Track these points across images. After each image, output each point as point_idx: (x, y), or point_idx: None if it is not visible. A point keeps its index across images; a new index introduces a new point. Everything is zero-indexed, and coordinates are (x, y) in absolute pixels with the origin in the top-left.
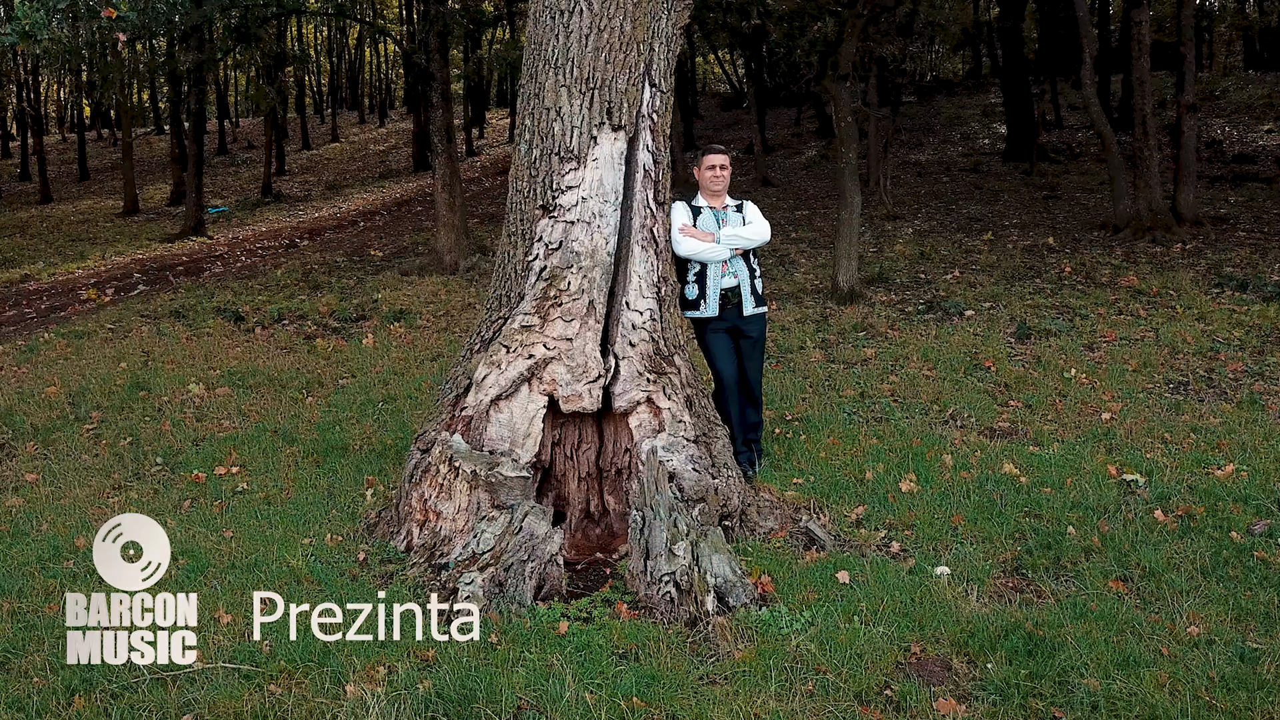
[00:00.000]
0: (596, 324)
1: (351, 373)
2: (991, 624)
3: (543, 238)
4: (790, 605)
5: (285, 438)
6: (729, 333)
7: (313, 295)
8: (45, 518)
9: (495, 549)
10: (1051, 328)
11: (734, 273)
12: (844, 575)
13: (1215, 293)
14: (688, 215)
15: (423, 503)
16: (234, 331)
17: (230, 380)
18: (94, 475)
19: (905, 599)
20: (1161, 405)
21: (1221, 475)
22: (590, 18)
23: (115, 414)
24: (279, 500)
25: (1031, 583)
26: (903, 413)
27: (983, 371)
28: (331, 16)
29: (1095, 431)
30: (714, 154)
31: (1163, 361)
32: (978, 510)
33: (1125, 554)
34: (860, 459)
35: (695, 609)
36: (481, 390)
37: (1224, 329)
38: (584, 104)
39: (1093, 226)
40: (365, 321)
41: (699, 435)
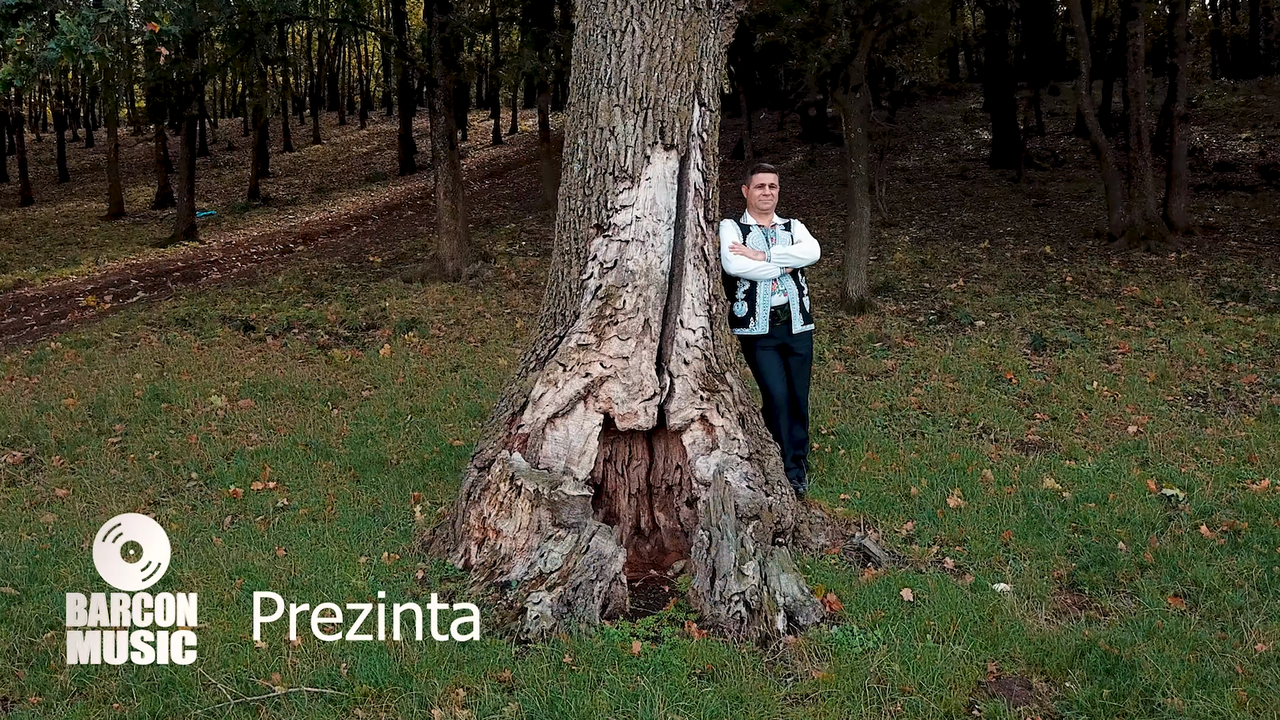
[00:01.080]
0: (652, 342)
1: (373, 384)
2: (1064, 642)
3: (597, 256)
4: (860, 624)
5: (318, 452)
6: (778, 350)
7: (318, 303)
8: (85, 534)
9: (563, 568)
10: (1066, 339)
11: (784, 290)
12: (908, 593)
13: (1218, 303)
14: (737, 233)
15: (481, 521)
16: (245, 341)
17: (251, 392)
18: (127, 490)
19: (973, 617)
20: (1184, 418)
21: (1258, 490)
22: (643, 37)
23: (139, 426)
24: (324, 517)
25: (1091, 599)
26: (934, 426)
27: (1005, 384)
28: (336, 24)
29: (1125, 445)
30: (764, 173)
31: (1179, 374)
32: (1026, 526)
33: (1179, 570)
34: (902, 474)
35: (766, 628)
36: (538, 408)
37: (1232, 340)
38: (638, 124)
39: (1087, 235)
40: (376, 331)
41: (752, 453)
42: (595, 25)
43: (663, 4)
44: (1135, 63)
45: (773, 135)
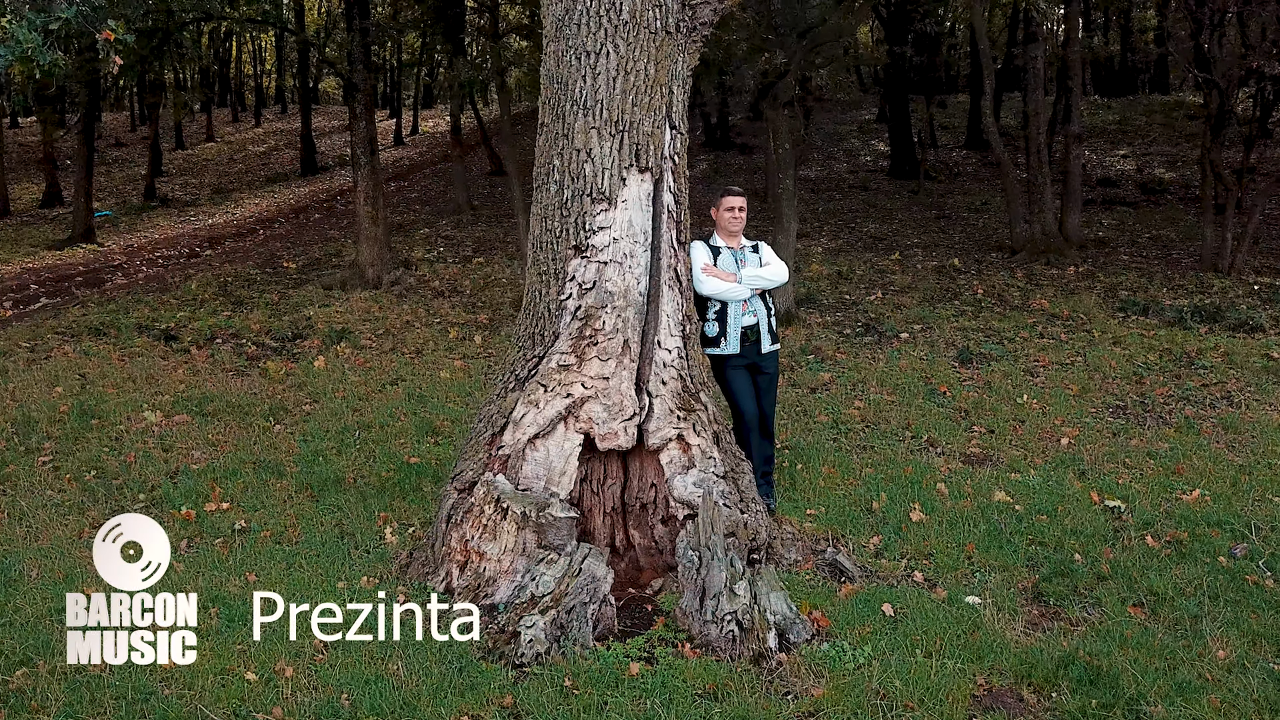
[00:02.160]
0: (631, 363)
1: (312, 398)
2: (1045, 654)
3: (575, 277)
4: (848, 640)
5: (269, 470)
6: (747, 369)
7: (239, 311)
8: (30, 562)
9: (555, 591)
10: (991, 353)
11: (753, 311)
12: (888, 608)
13: (1121, 316)
14: (708, 255)
15: (464, 544)
16: (168, 352)
17: (185, 407)
18: (68, 512)
19: (955, 631)
20: (1109, 430)
21: (1189, 500)
22: (617, 60)
23: (70, 444)
24: (288, 539)
25: (1057, 610)
26: (881, 439)
27: (940, 397)
28: (258, 25)
29: (1062, 457)
30: (734, 196)
31: (1099, 386)
32: (987, 538)
33: (1135, 580)
34: (861, 488)
35: (759, 646)
36: (520, 429)
37: (1140, 353)
38: (614, 146)
39: (989, 248)
40: (303, 341)
41: (727, 471)
42: (568, 46)
43: (636, 27)
44: (1035, 84)
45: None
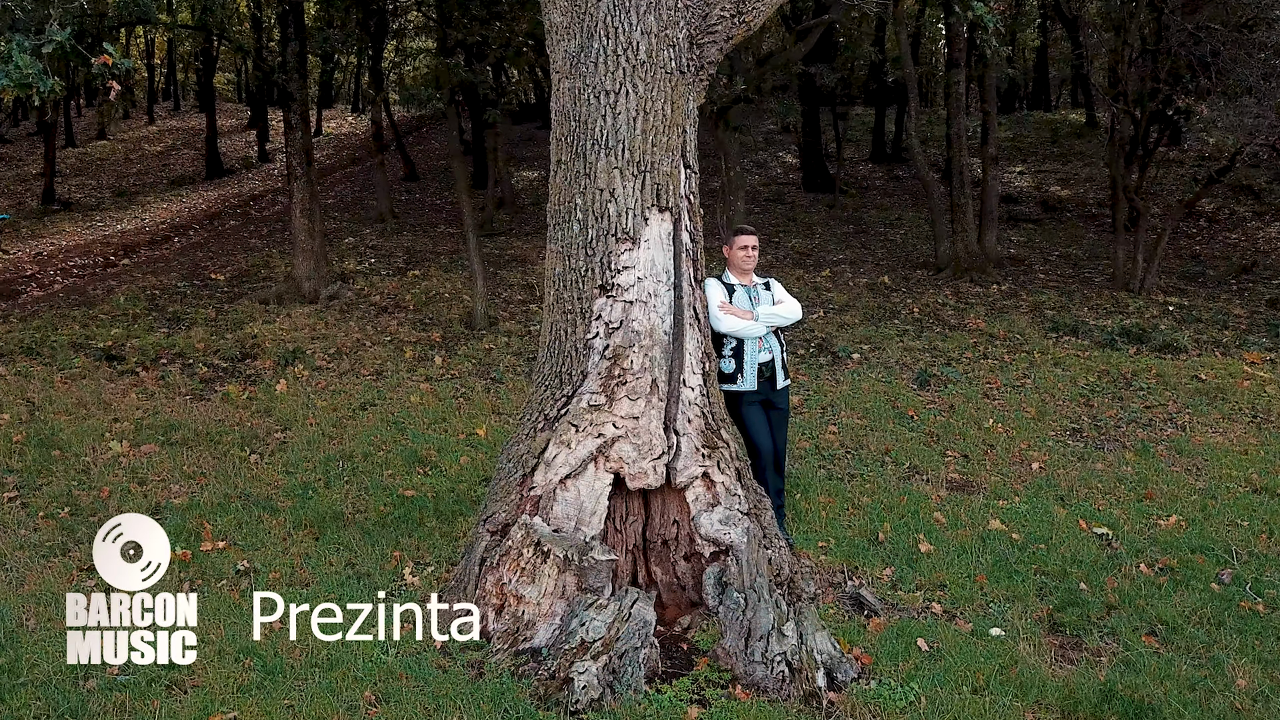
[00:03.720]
0: (660, 401)
1: (283, 425)
2: (1084, 688)
3: (602, 316)
4: (893, 677)
5: (258, 505)
6: (761, 405)
7: (176, 328)
8: (22, 610)
9: (606, 636)
10: (947, 375)
11: (769, 348)
12: (922, 643)
13: (1054, 337)
14: (724, 292)
15: (500, 587)
16: (113, 373)
17: (150, 435)
18: (51, 553)
19: (993, 665)
20: (1073, 454)
21: (1168, 526)
22: (637, 100)
23: (33, 478)
24: (299, 581)
25: (1076, 640)
26: (865, 466)
27: (909, 421)
28: (190, 30)
29: (1038, 483)
30: (747, 235)
31: (1053, 410)
32: (995, 568)
33: (1142, 609)
34: (862, 518)
35: (808, 686)
36: (552, 469)
37: (1080, 375)
38: (636, 186)
39: (914, 265)
40: (253, 361)
41: (751, 508)
42: (585, 84)
43: (653, 67)
44: (957, 108)
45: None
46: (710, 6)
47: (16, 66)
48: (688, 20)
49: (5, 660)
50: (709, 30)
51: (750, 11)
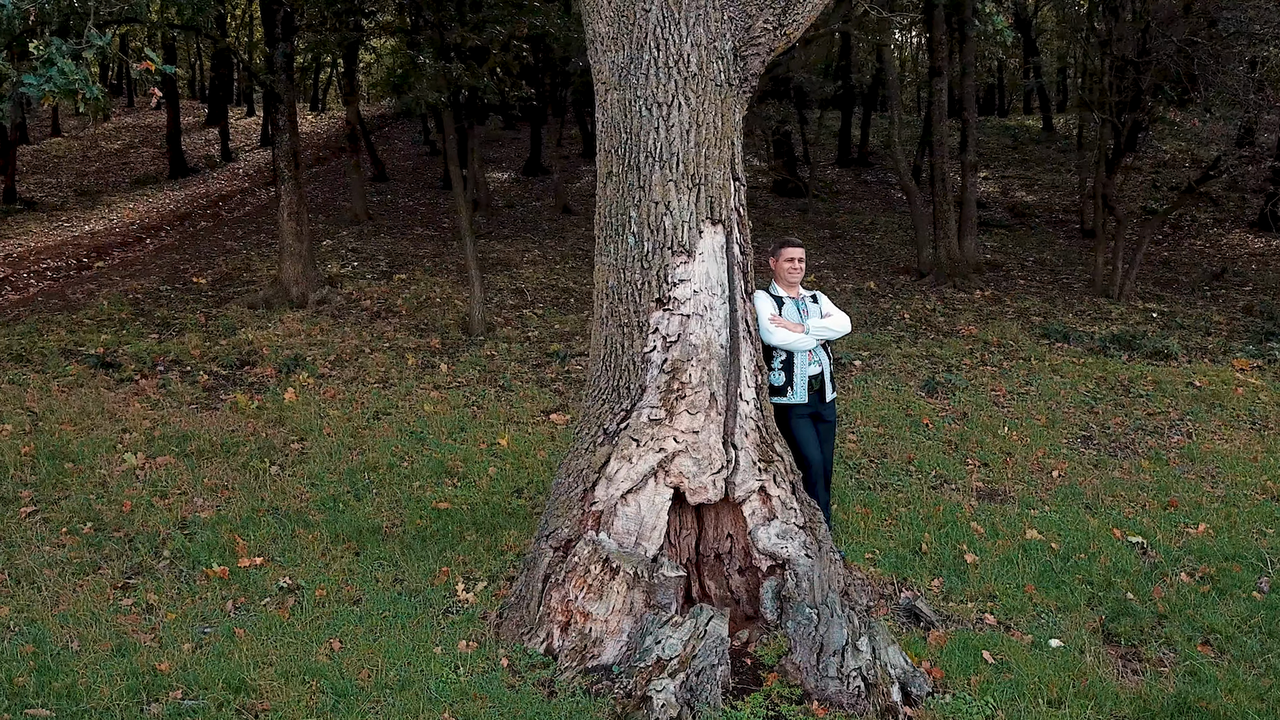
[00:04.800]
0: (718, 415)
1: (299, 436)
2: (1158, 700)
3: (659, 330)
4: (966, 691)
5: (290, 519)
6: (810, 417)
7: (167, 334)
8: (64, 631)
9: (683, 654)
10: (954, 383)
11: (818, 361)
12: (988, 655)
13: (1047, 344)
14: (773, 305)
15: (565, 604)
16: (110, 382)
17: (163, 447)
18: (80, 571)
19: (1062, 677)
20: (1089, 461)
21: (1198, 534)
22: (689, 112)
23: (50, 492)
24: (346, 598)
25: (1134, 650)
26: (893, 476)
27: (925, 429)
28: (178, 29)
29: (1062, 491)
30: (793, 247)
31: (1062, 418)
32: (1041, 578)
33: (1191, 618)
34: (901, 528)
35: (884, 701)
36: (613, 484)
37: (1079, 381)
38: (691, 199)
39: (895, 270)
40: (252, 368)
41: (806, 521)
42: (637, 95)
43: (703, 80)
44: (939, 115)
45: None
46: (752, 19)
47: (61, 72)
48: (732, 33)
49: (61, 685)
50: (752, 42)
51: (791, 24)
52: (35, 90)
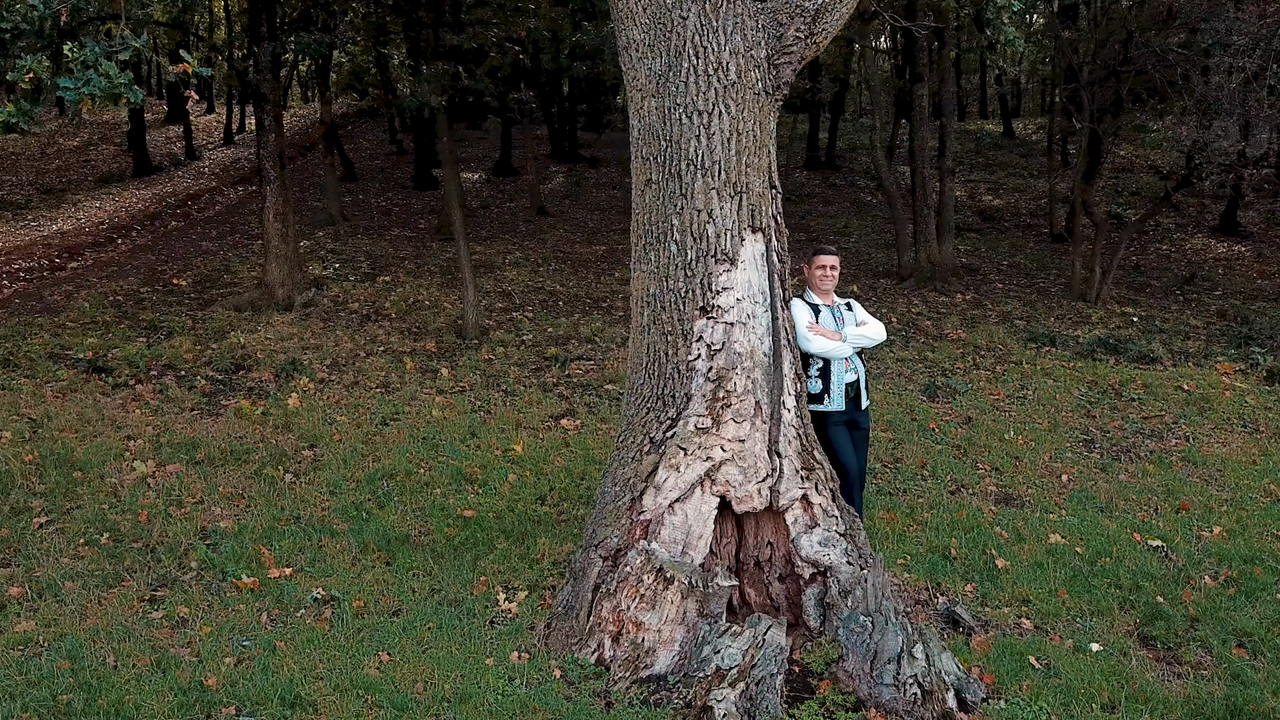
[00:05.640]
0: (764, 424)
1: (309, 443)
2: (1209, 704)
3: (703, 338)
4: (1018, 696)
5: (315, 528)
6: (845, 425)
7: (154, 337)
8: (97, 646)
9: (742, 664)
10: (952, 386)
11: (854, 369)
12: (1034, 660)
13: (1034, 348)
14: (810, 313)
15: (617, 614)
16: (105, 387)
17: (172, 455)
18: (103, 584)
19: (1109, 680)
20: (1096, 465)
21: (1213, 538)
22: (730, 121)
23: (61, 501)
24: (384, 609)
25: (1172, 653)
26: (909, 481)
27: (932, 434)
28: (164, 27)
29: (1074, 495)
30: (827, 254)
31: (1063, 421)
32: (1072, 582)
33: (1222, 621)
34: (927, 534)
35: (940, 708)
36: (661, 493)
37: (1072, 385)
38: (733, 207)
39: (875, 274)
40: (247, 373)
41: (846, 528)
42: (676, 103)
43: (742, 88)
44: (920, 121)
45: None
46: (783, 27)
47: (106, 76)
48: (765, 41)
49: (107, 703)
50: (784, 51)
51: (821, 32)
52: (73, 95)
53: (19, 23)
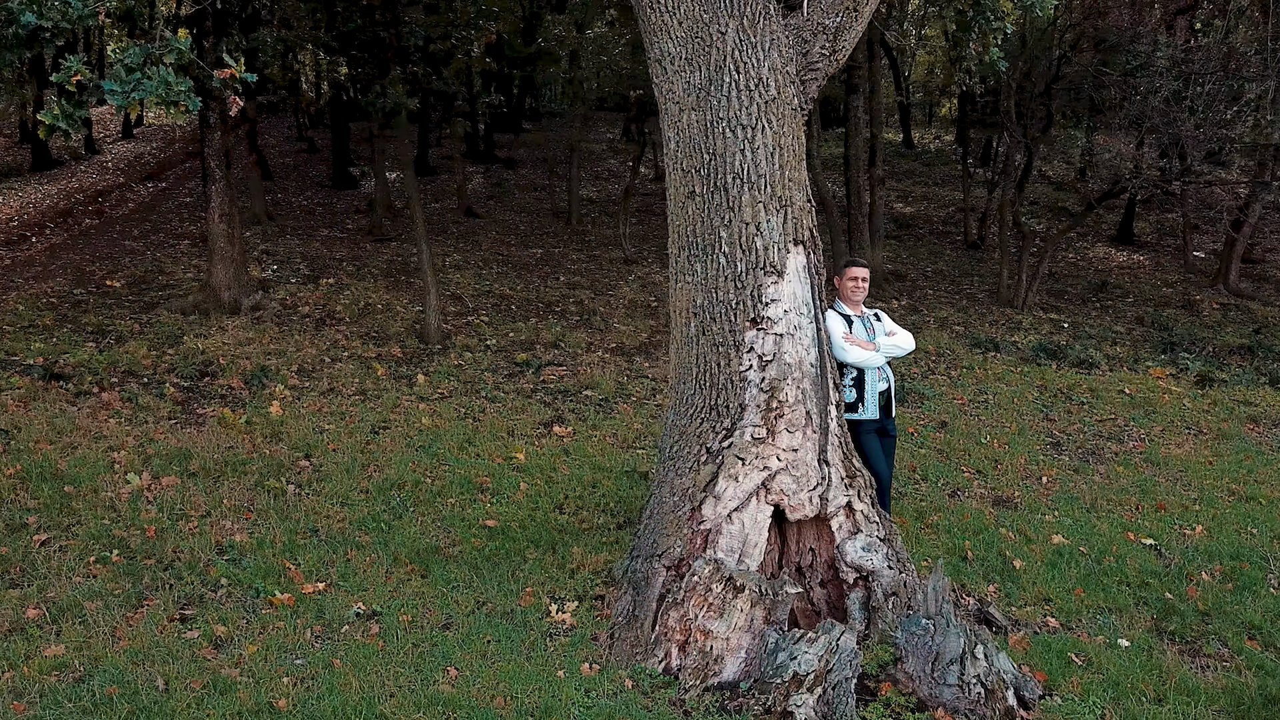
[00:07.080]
0: (814, 433)
1: (304, 452)
2: (1243, 693)
3: (754, 349)
4: (1072, 692)
5: (339, 542)
6: (876, 433)
7: (102, 342)
8: (142, 669)
9: (819, 669)
10: (920, 391)
11: (886, 377)
12: (1074, 657)
13: (980, 353)
14: (844, 324)
15: (684, 622)
16: (68, 395)
17: (164, 467)
18: (126, 603)
19: (1148, 675)
20: (1068, 467)
21: (1198, 535)
22: (772, 135)
23: (58, 517)
24: (433, 624)
25: (1195, 647)
26: (906, 485)
27: (913, 438)
28: (119, 22)
29: (1059, 496)
30: (859, 267)
31: (1028, 425)
32: (1087, 581)
33: (1230, 615)
34: (943, 537)
35: (1003, 706)
36: (721, 503)
37: (1025, 389)
38: (779, 220)
39: None
40: (213, 379)
41: (886, 534)
42: (719, 117)
43: (781, 104)
44: (856, 131)
45: (437, 151)
46: (808, 45)
47: (164, 82)
48: (794, 59)
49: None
50: (811, 68)
51: (841, 50)
52: (120, 99)
53: (59, 20)
